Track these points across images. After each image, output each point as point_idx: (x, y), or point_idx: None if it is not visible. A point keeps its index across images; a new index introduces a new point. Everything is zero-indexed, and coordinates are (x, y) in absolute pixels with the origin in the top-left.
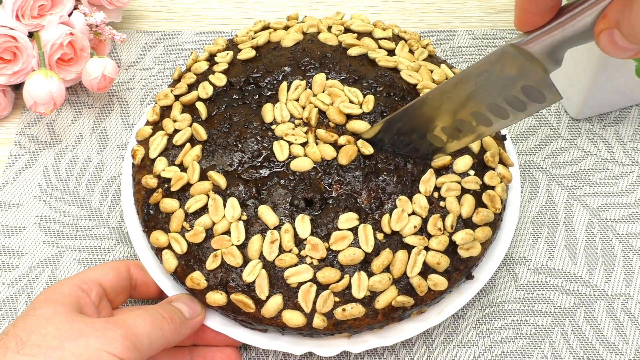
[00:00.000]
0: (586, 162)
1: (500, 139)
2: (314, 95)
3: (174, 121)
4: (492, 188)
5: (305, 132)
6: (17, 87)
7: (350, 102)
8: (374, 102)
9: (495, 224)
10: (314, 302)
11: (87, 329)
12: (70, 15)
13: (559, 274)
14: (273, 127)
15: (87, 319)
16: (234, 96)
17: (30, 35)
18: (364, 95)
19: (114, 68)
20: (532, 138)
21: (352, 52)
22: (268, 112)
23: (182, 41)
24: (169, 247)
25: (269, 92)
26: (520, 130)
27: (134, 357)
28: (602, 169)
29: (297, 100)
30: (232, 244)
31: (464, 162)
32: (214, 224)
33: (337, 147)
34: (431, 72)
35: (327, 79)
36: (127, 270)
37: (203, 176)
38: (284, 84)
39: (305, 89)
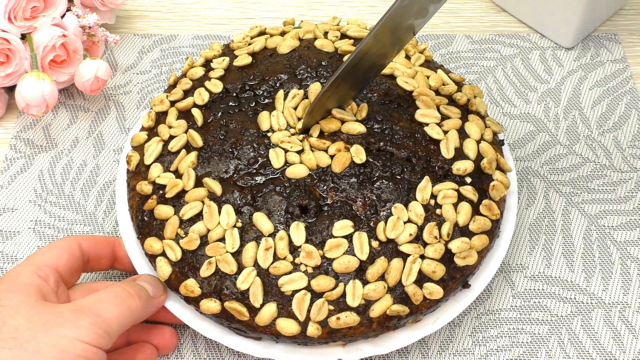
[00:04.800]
0: (584, 168)
1: (497, 144)
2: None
3: (170, 127)
4: (491, 198)
5: (301, 140)
6: (11, 89)
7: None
8: (367, 110)
9: (492, 232)
10: (308, 311)
11: (57, 319)
12: (63, 17)
13: (556, 281)
14: (269, 134)
15: (54, 308)
16: (230, 103)
17: (23, 37)
18: (358, 105)
19: (107, 70)
20: (530, 144)
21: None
22: (264, 119)
23: (179, 45)
24: (163, 254)
25: (266, 100)
26: (519, 136)
27: (105, 342)
28: (600, 176)
29: (295, 109)
30: (227, 251)
31: (463, 165)
32: (208, 231)
33: (330, 154)
34: (427, 77)
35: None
36: (79, 248)
37: (198, 183)
38: (281, 92)
39: (303, 98)
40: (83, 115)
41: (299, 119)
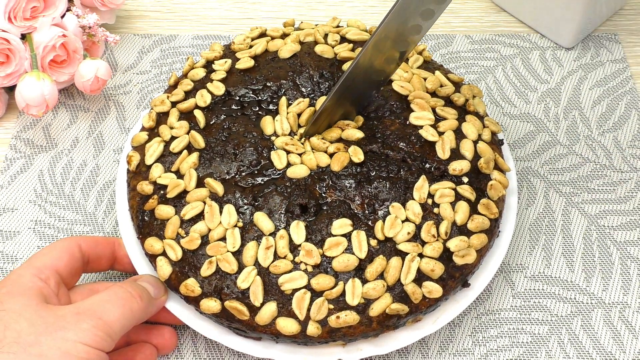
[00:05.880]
0: (584, 168)
1: (497, 144)
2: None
3: (171, 128)
4: (490, 198)
5: (302, 143)
6: (11, 89)
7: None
8: (363, 120)
9: (491, 231)
10: (308, 310)
11: (59, 322)
12: (63, 17)
13: (556, 281)
14: (272, 138)
15: (56, 310)
16: (233, 106)
17: (23, 37)
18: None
19: (107, 70)
20: (530, 144)
21: (347, 66)
22: (268, 124)
23: (180, 45)
24: (164, 253)
25: (269, 105)
26: (519, 136)
27: (107, 344)
28: (600, 176)
29: (299, 115)
30: (228, 251)
31: (459, 165)
32: (209, 230)
33: (330, 154)
34: (425, 79)
35: None
36: (79, 249)
37: (200, 183)
38: (284, 99)
39: (308, 106)
40: (83, 115)
41: (300, 126)
